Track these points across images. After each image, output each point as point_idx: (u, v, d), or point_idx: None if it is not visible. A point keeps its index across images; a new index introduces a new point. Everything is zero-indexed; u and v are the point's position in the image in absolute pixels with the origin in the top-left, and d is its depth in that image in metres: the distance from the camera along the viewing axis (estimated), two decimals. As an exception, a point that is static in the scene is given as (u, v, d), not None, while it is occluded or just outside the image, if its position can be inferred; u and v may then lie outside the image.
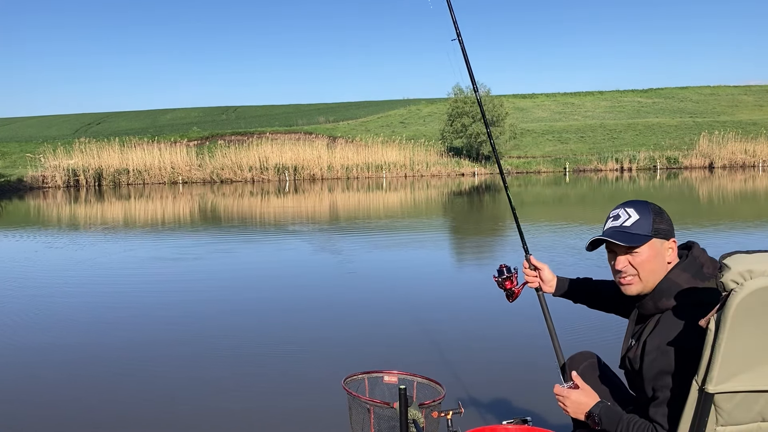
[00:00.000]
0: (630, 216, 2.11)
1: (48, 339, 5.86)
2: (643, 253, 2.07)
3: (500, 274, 2.74)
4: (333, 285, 8.13)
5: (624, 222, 2.11)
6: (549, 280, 2.67)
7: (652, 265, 2.06)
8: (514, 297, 2.75)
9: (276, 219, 16.85)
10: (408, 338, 5.56)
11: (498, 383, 4.42)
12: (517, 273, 2.75)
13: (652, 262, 2.06)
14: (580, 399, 2.15)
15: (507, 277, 2.72)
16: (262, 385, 4.55)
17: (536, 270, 2.70)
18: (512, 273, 2.73)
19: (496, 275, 2.75)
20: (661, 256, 2.07)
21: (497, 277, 2.74)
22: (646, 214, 2.10)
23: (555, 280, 2.67)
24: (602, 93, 57.40)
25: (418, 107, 51.71)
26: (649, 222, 2.08)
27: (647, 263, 2.06)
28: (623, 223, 2.11)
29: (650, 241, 2.06)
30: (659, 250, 2.07)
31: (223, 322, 6.30)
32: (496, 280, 2.75)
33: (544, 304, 2.76)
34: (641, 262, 2.07)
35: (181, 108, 64.92)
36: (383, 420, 2.57)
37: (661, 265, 2.07)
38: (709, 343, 1.71)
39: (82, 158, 30.43)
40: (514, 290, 2.73)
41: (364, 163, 33.19)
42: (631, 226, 2.09)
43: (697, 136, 37.42)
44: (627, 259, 2.10)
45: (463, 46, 3.18)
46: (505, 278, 2.72)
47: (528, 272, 2.72)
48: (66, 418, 4.07)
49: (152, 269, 9.52)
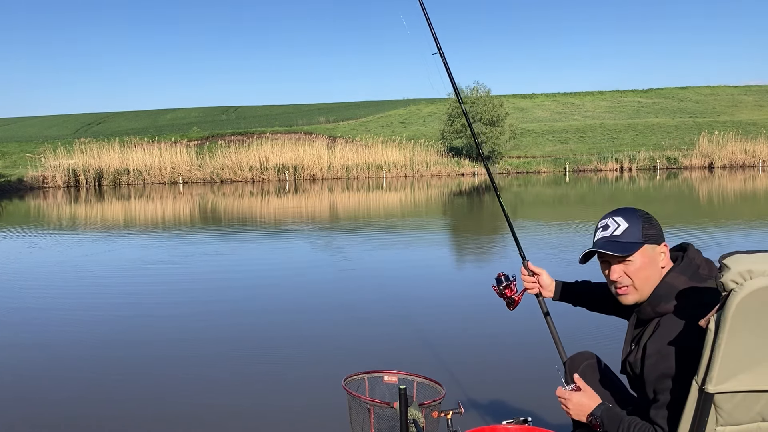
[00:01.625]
0: (619, 225, 2.10)
1: (48, 339, 5.87)
2: (636, 260, 2.06)
3: (499, 283, 2.73)
4: (333, 285, 8.13)
5: (614, 231, 2.10)
6: (548, 284, 2.67)
7: (647, 273, 2.06)
8: (515, 305, 2.74)
9: (276, 219, 16.85)
10: (408, 338, 5.56)
11: (498, 383, 4.42)
12: (516, 280, 2.74)
13: (647, 269, 2.06)
14: (581, 401, 2.15)
15: (506, 285, 2.71)
16: (262, 385, 4.55)
17: (534, 275, 2.70)
18: (511, 281, 2.72)
19: (494, 284, 2.74)
20: (655, 262, 2.07)
21: (496, 287, 2.74)
22: (634, 221, 2.09)
23: (554, 285, 2.67)
24: (602, 93, 57.38)
25: (418, 107, 51.69)
26: (638, 228, 2.07)
27: (641, 271, 2.06)
28: (613, 233, 2.10)
29: (642, 248, 2.06)
30: (652, 256, 2.06)
31: (222, 322, 6.30)
32: (495, 290, 2.74)
33: (545, 309, 2.76)
34: (635, 271, 2.06)
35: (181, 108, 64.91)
36: (383, 420, 2.58)
37: (656, 271, 2.06)
38: (709, 344, 1.71)
39: (83, 158, 30.41)
40: (514, 298, 2.72)
41: (364, 163, 33.17)
42: (622, 235, 2.08)
43: (697, 136, 37.39)
44: (621, 269, 2.09)
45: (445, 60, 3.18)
46: (504, 287, 2.72)
47: (526, 278, 2.71)
48: (66, 418, 4.07)
49: (152, 269, 9.51)
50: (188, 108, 64.90)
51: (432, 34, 3.17)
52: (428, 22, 3.17)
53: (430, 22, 3.17)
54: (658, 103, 53.23)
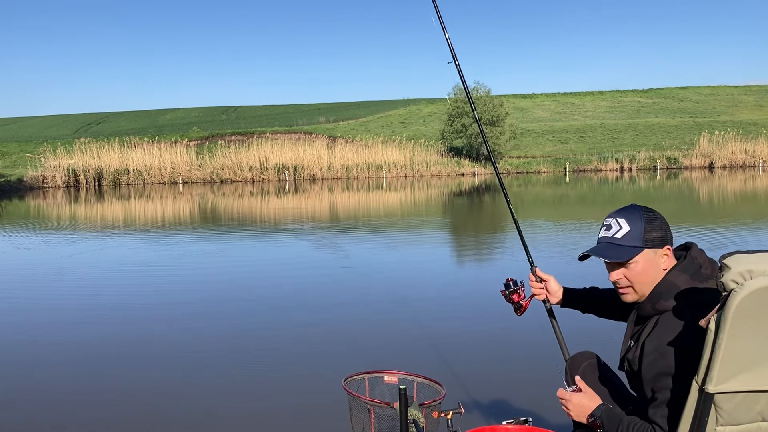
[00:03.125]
0: (621, 227, 2.08)
1: (48, 338, 5.86)
2: (636, 264, 2.05)
3: (507, 287, 2.75)
4: (333, 285, 8.12)
5: (615, 233, 2.09)
6: (555, 291, 2.67)
7: (646, 277, 2.05)
8: (522, 310, 2.75)
9: (276, 219, 16.85)
10: (408, 338, 5.56)
11: (498, 383, 4.42)
12: (524, 286, 2.75)
13: (647, 273, 2.05)
14: (582, 402, 2.16)
15: (514, 290, 2.73)
16: (261, 385, 4.55)
17: (542, 282, 2.70)
18: (519, 286, 2.74)
19: (503, 289, 2.76)
20: (656, 266, 2.05)
21: (504, 291, 2.75)
22: (637, 223, 2.06)
23: (561, 291, 2.67)
24: (602, 93, 57.40)
25: (418, 107, 51.70)
26: (639, 232, 2.05)
27: (641, 275, 2.05)
28: (614, 235, 2.09)
29: (642, 252, 2.04)
30: (653, 260, 2.05)
31: (222, 322, 6.30)
32: (503, 294, 2.76)
33: (552, 316, 2.76)
34: (635, 275, 2.06)
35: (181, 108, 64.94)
36: (383, 420, 2.58)
37: (656, 273, 2.05)
38: (709, 343, 1.71)
39: (82, 158, 30.42)
40: (521, 303, 2.74)
41: (364, 163, 33.17)
42: (622, 238, 2.07)
43: (697, 136, 37.40)
44: (621, 272, 2.09)
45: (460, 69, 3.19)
46: (512, 291, 2.73)
47: (534, 285, 2.72)
48: (65, 418, 4.07)
49: (151, 269, 9.51)
50: (188, 108, 64.93)
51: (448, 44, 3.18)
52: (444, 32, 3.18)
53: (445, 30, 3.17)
54: (658, 103, 53.24)
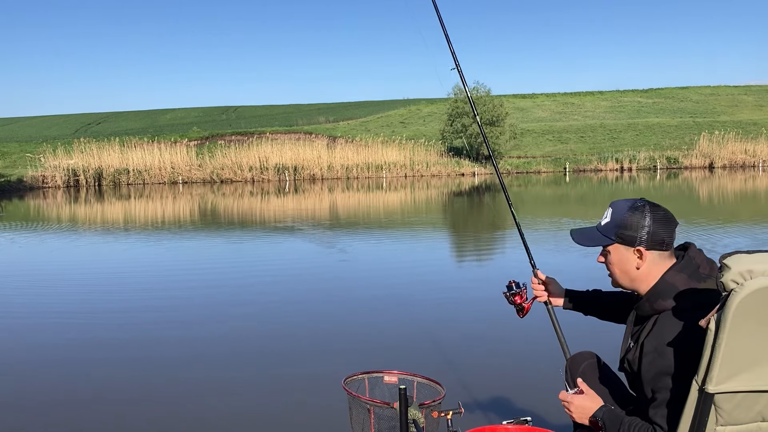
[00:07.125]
0: (606, 216, 2.16)
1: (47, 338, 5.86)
2: (610, 255, 2.13)
3: (509, 289, 2.77)
4: (333, 285, 8.12)
5: (601, 220, 2.17)
6: (557, 293, 2.69)
7: (619, 268, 2.12)
8: (524, 312, 2.77)
9: (276, 219, 16.85)
10: (408, 338, 5.56)
11: (498, 383, 4.42)
12: (526, 288, 2.77)
13: (619, 264, 2.11)
14: (584, 404, 2.16)
15: (516, 292, 2.75)
16: (261, 385, 4.55)
17: (544, 284, 2.72)
18: (521, 288, 2.76)
19: (505, 291, 2.78)
20: (627, 262, 2.08)
21: (506, 293, 2.77)
22: (619, 217, 2.10)
23: (563, 294, 2.69)
24: (602, 93, 57.36)
25: (418, 107, 51.67)
26: (615, 225, 2.09)
27: (614, 265, 2.13)
28: (600, 221, 2.18)
29: (613, 246, 2.11)
30: (623, 256, 2.09)
31: (222, 322, 6.30)
32: (506, 296, 2.78)
33: (554, 317, 2.76)
34: (609, 263, 2.15)
35: (181, 108, 64.91)
36: (383, 420, 2.57)
37: (631, 270, 2.08)
38: (709, 343, 1.71)
39: (82, 158, 30.39)
40: (524, 305, 2.75)
41: (364, 163, 33.15)
42: (602, 227, 2.15)
43: (697, 136, 37.37)
44: (603, 257, 2.18)
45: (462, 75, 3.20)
46: (514, 293, 2.75)
47: (536, 287, 2.73)
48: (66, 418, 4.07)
49: (151, 269, 9.51)
50: (188, 108, 64.90)
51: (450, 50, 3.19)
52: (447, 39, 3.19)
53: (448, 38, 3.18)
54: (658, 103, 53.22)
